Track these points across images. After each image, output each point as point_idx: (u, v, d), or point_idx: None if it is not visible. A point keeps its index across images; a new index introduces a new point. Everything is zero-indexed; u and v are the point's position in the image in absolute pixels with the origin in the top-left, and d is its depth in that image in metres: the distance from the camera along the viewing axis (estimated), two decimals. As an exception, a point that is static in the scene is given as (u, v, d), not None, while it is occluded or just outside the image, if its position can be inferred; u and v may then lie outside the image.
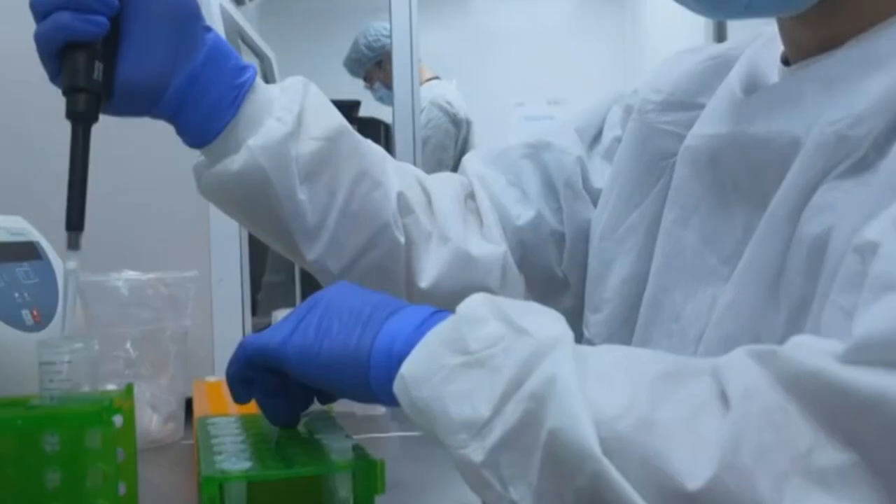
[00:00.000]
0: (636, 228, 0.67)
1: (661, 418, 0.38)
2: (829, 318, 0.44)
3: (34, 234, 0.76)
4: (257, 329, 1.12)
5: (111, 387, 0.62)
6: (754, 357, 0.38)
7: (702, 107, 0.64)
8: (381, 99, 3.08)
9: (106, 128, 1.02)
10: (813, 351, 0.37)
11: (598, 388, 0.40)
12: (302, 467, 0.53)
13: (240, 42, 1.16)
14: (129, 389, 0.56)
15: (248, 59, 1.22)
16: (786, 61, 0.60)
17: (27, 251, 0.74)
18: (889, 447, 0.33)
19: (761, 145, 0.56)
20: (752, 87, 0.61)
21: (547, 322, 0.45)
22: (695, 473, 0.35)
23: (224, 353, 1.03)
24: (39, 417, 0.50)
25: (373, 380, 0.49)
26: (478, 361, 0.43)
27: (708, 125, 0.62)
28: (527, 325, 0.44)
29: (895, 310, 0.35)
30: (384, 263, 0.69)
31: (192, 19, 0.61)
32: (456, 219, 0.72)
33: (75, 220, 0.56)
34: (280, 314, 1.01)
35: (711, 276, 0.59)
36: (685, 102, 0.66)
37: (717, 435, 0.36)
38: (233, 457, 0.53)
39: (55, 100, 0.59)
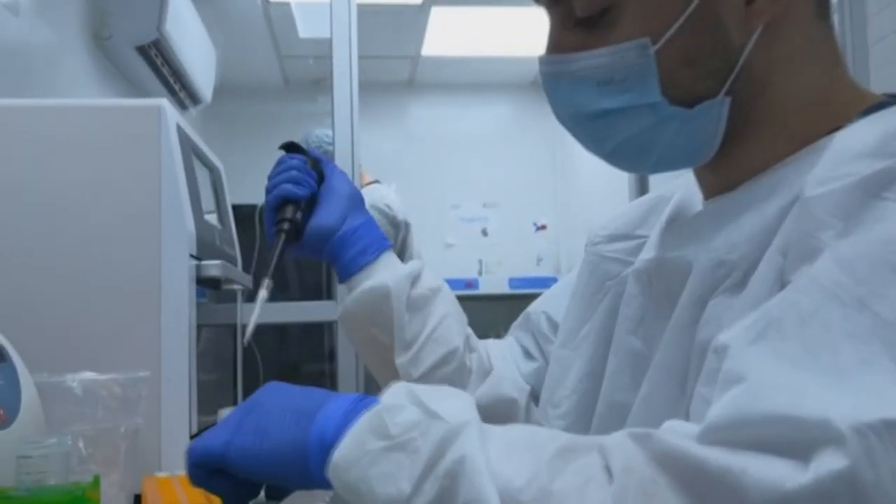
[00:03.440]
0: (588, 336, 0.79)
1: (558, 489, 0.46)
2: (695, 406, 0.53)
3: (-1, 338, 0.82)
4: (202, 426, 1.17)
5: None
6: (633, 438, 0.47)
7: (640, 237, 0.77)
8: (321, 202, 3.17)
9: (72, 246, 1.09)
10: (678, 434, 0.46)
11: (504, 463, 0.48)
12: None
13: (192, 155, 1.25)
14: (96, 481, 0.62)
15: (199, 170, 1.31)
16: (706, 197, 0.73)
17: (-6, 354, 0.79)
18: None
19: (670, 267, 0.68)
20: (675, 219, 0.74)
21: (457, 406, 0.53)
22: None
23: (171, 449, 1.08)
24: (15, 506, 0.56)
25: (313, 468, 0.56)
26: (399, 445, 0.51)
27: (646, 251, 0.74)
28: (439, 409, 0.52)
29: (736, 400, 0.45)
30: (451, 379, 0.90)
31: (356, 203, 0.94)
32: (499, 363, 0.95)
33: (269, 274, 0.86)
34: (225, 412, 1.07)
35: None
36: (626, 234, 0.80)
37: (601, 502, 0.44)
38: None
39: (19, 227, 0.66)
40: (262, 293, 0.85)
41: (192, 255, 1.11)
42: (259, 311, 0.84)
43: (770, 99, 0.64)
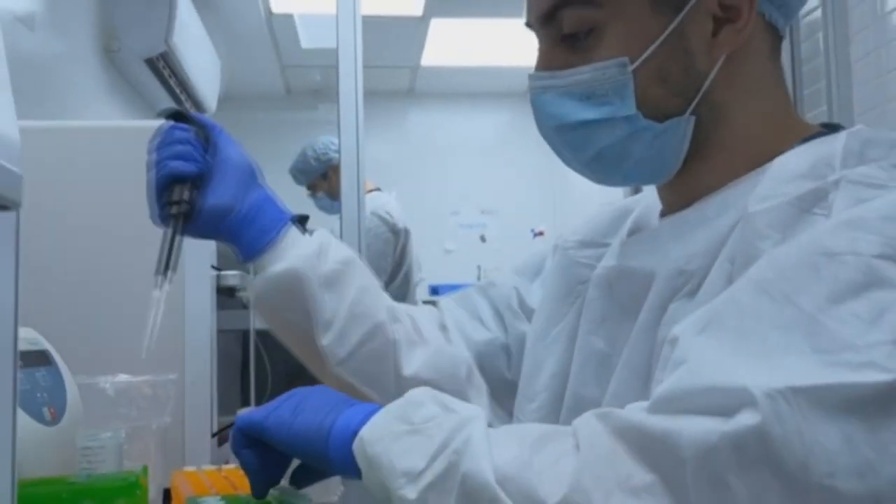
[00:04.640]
0: (560, 336, 0.86)
1: (536, 462, 0.55)
2: (654, 388, 0.62)
3: (45, 344, 0.90)
4: (222, 426, 1.26)
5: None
6: (596, 416, 0.57)
7: (607, 245, 0.85)
8: (322, 208, 3.25)
9: (104, 260, 1.16)
10: (633, 409, 0.56)
11: (498, 445, 0.57)
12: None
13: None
14: (145, 470, 0.70)
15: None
16: (664, 213, 0.81)
17: (42, 358, 0.87)
18: (675, 470, 0.51)
19: (633, 275, 0.76)
20: (635, 232, 0.82)
21: (469, 405, 0.63)
22: (554, 493, 0.53)
23: (194, 446, 1.16)
24: (79, 490, 0.64)
25: (331, 452, 0.65)
26: (418, 430, 0.60)
27: (607, 259, 0.82)
28: (454, 406, 0.62)
29: (678, 379, 0.54)
30: (379, 353, 0.90)
31: (252, 175, 0.89)
32: (433, 331, 0.95)
33: (163, 270, 0.83)
34: (243, 411, 1.15)
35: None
36: (595, 241, 0.87)
37: (570, 470, 0.54)
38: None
39: (60, 238, 0.74)
40: (156, 293, 0.81)
41: (212, 266, 1.19)
42: (159, 316, 0.79)
43: (727, 124, 0.72)
